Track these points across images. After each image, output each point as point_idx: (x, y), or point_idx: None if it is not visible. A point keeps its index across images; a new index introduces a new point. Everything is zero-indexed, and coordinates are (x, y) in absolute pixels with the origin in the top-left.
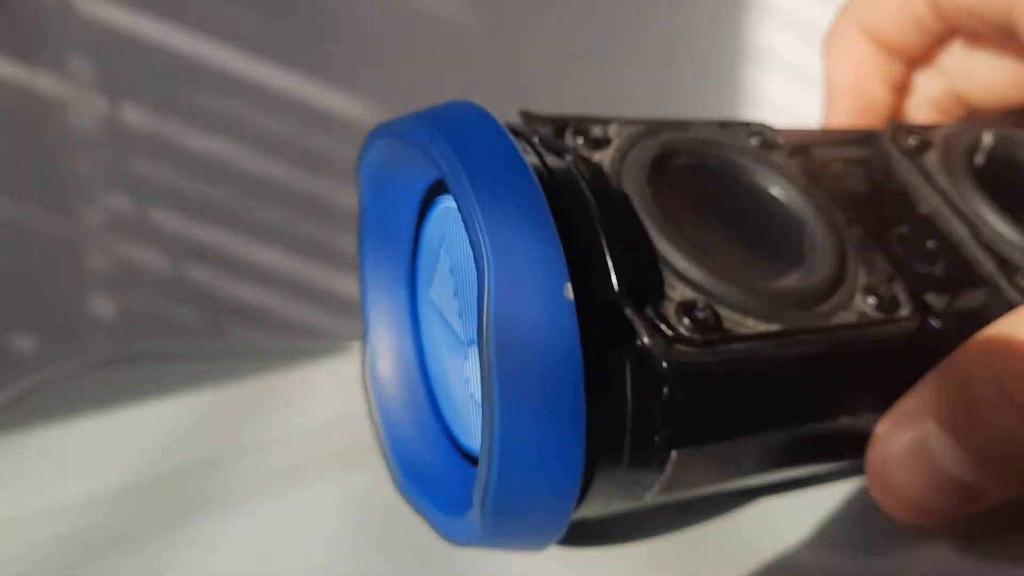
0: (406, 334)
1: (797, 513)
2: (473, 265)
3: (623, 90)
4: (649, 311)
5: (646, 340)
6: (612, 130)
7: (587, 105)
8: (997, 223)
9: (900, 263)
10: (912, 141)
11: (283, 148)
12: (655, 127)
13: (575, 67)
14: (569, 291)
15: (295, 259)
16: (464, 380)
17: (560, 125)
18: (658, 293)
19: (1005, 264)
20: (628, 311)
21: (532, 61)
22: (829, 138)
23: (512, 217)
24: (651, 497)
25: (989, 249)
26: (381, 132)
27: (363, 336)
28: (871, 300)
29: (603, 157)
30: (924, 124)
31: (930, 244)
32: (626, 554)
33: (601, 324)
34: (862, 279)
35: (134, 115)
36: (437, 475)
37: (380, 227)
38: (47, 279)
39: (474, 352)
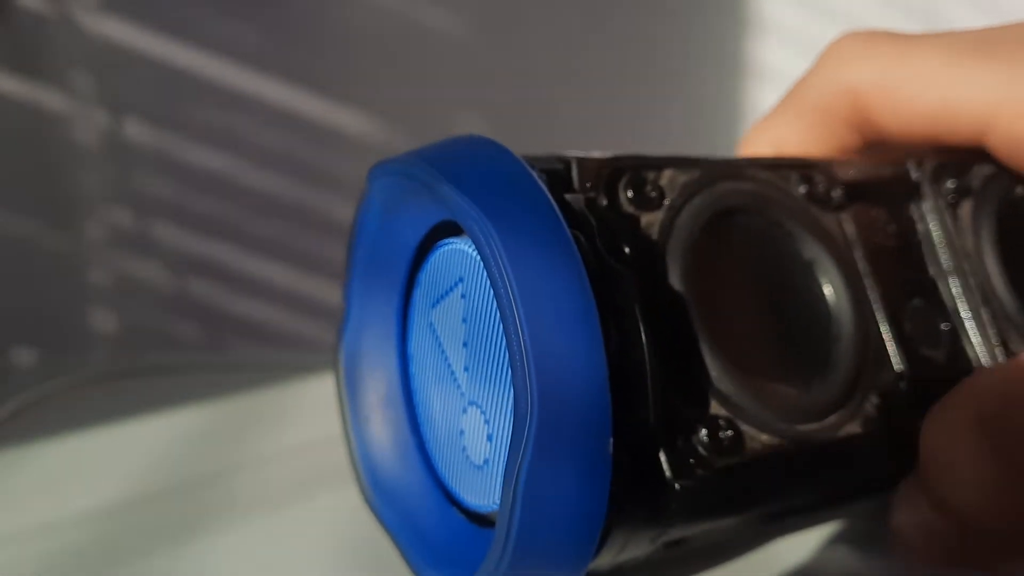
0: (391, 334)
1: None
2: (497, 344)
3: (624, 105)
4: (679, 441)
5: (669, 475)
6: (665, 179)
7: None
8: (1006, 299)
9: (910, 350)
10: (950, 186)
11: (284, 162)
12: (707, 175)
13: (576, 83)
14: (611, 447)
15: (295, 273)
16: (459, 431)
17: (614, 173)
18: (689, 415)
19: (1004, 348)
20: (660, 451)
21: (533, 76)
22: (875, 180)
23: (564, 352)
24: (641, 563)
25: (993, 328)
26: (398, 169)
27: (341, 330)
28: (875, 400)
29: (653, 221)
30: (964, 163)
31: (942, 326)
32: None
33: (632, 463)
34: (874, 377)
35: (136, 130)
36: (409, 499)
37: (381, 239)
38: (48, 293)
39: (475, 413)
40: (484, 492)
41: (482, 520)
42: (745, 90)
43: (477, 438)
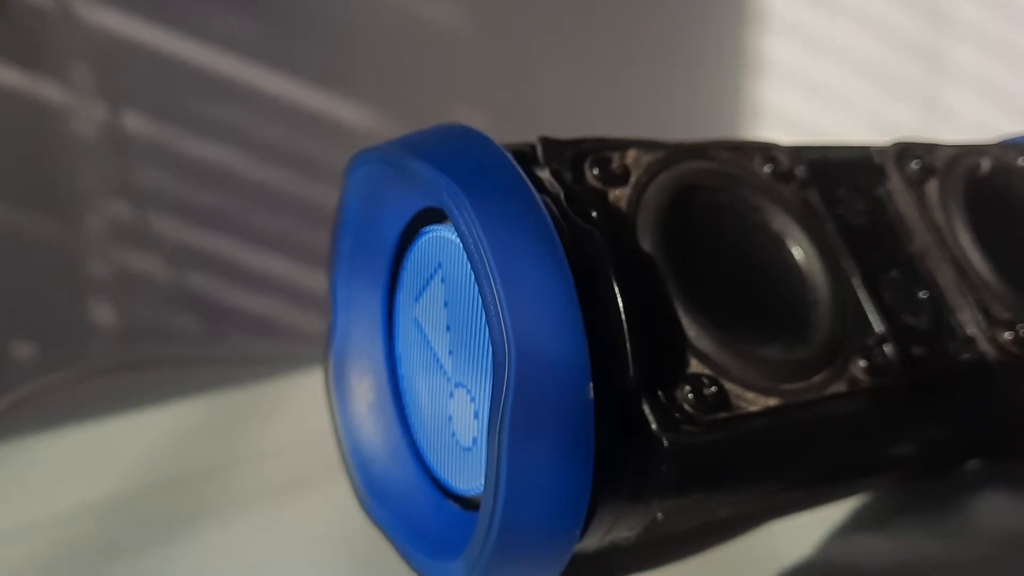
0: (377, 338)
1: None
2: (478, 319)
3: (624, 99)
4: (661, 395)
5: (655, 427)
6: (630, 158)
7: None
8: (983, 268)
9: (891, 317)
10: (915, 166)
11: (283, 155)
12: (672, 155)
13: (576, 76)
14: (591, 391)
15: (294, 266)
16: (447, 417)
17: (578, 153)
18: (670, 371)
19: (985, 314)
20: (643, 403)
21: (533, 70)
22: (838, 161)
23: (537, 302)
24: (635, 537)
25: (972, 296)
26: (376, 157)
27: (328, 337)
28: (862, 363)
29: (620, 196)
30: (929, 143)
31: (920, 294)
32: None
33: (615, 413)
34: (856, 341)
35: (135, 122)
36: (404, 497)
37: (362, 234)
38: (47, 286)
39: (462, 395)
40: (474, 474)
41: (477, 507)
42: (747, 84)
43: (465, 419)
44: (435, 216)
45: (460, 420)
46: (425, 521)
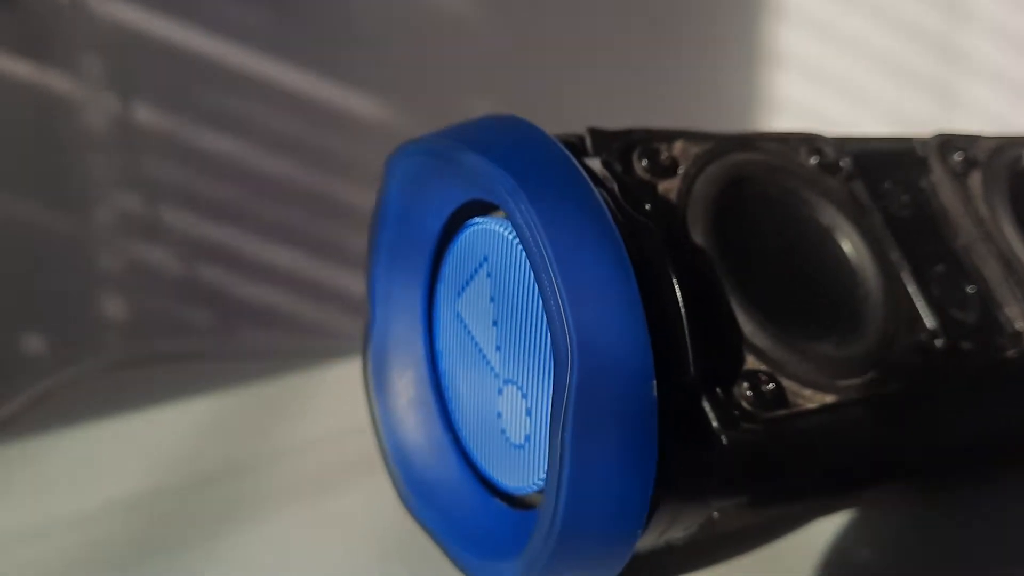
0: (417, 333)
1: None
2: (529, 313)
3: (639, 90)
4: (720, 393)
5: (716, 425)
6: (678, 149)
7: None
8: None
9: (941, 312)
10: (958, 158)
11: (295, 148)
12: (719, 147)
13: (590, 68)
14: (654, 389)
15: (307, 259)
16: (496, 414)
17: (627, 144)
18: (728, 367)
19: None
20: (703, 400)
21: (545, 60)
22: (881, 152)
23: (599, 298)
24: (689, 537)
25: (1020, 290)
26: (422, 148)
27: (367, 333)
28: (915, 359)
29: (670, 188)
30: (970, 135)
31: (968, 288)
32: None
33: (676, 411)
34: (909, 335)
35: (146, 114)
36: (448, 494)
37: (403, 227)
38: (58, 280)
39: (512, 392)
40: (526, 472)
41: (526, 506)
42: (762, 74)
43: (515, 416)
44: (478, 209)
45: (510, 417)
46: (471, 520)
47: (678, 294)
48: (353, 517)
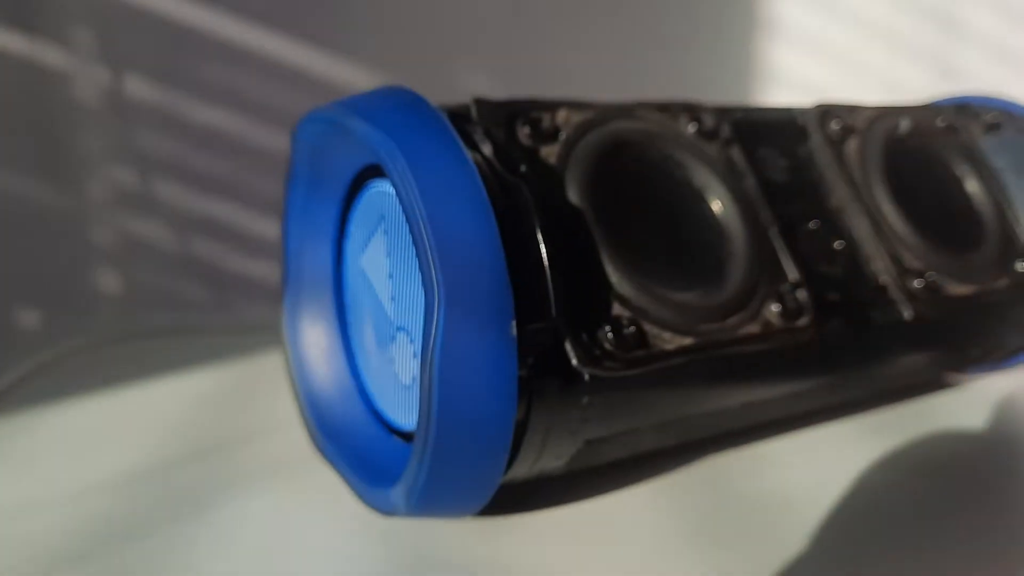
0: (328, 288)
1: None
2: (415, 265)
3: (636, 62)
4: (584, 335)
5: (575, 363)
6: (560, 117)
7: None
8: (896, 221)
9: (807, 265)
10: (835, 126)
11: (288, 120)
12: (601, 115)
13: (585, 38)
14: (513, 328)
15: None
16: (389, 359)
17: (511, 113)
18: (593, 312)
19: (898, 263)
20: (565, 340)
21: (537, 30)
22: (762, 121)
23: (464, 247)
24: (564, 466)
25: (886, 247)
26: (321, 116)
27: (282, 290)
28: (775, 308)
29: (550, 152)
30: (851, 105)
31: (836, 244)
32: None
33: (541, 350)
34: (771, 286)
35: (138, 87)
36: (352, 434)
37: (311, 189)
38: (50, 253)
39: (403, 338)
40: (413, 409)
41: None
42: (761, 47)
43: (405, 360)
44: (380, 172)
45: (401, 360)
46: (372, 455)
47: (541, 245)
48: (345, 489)
